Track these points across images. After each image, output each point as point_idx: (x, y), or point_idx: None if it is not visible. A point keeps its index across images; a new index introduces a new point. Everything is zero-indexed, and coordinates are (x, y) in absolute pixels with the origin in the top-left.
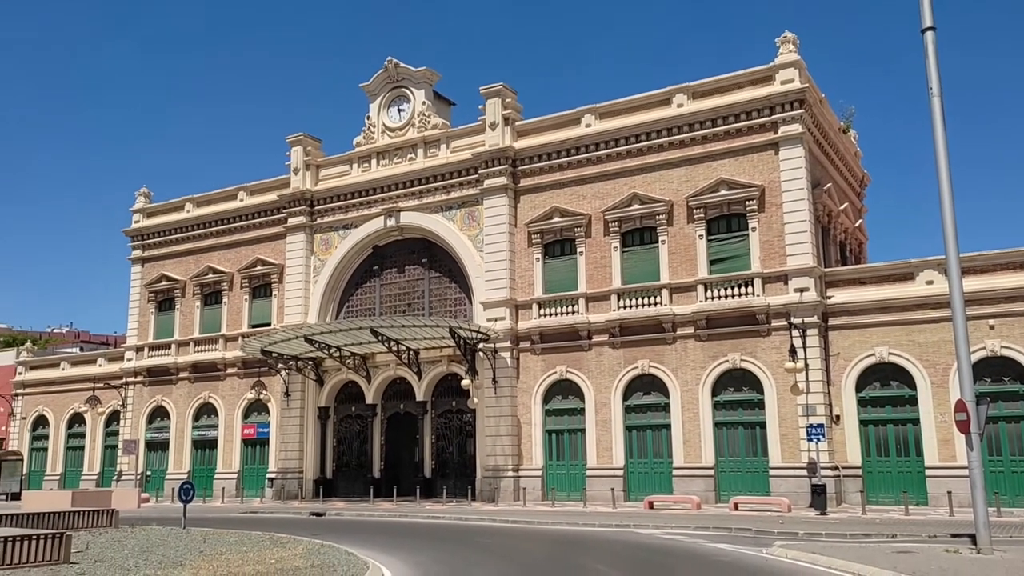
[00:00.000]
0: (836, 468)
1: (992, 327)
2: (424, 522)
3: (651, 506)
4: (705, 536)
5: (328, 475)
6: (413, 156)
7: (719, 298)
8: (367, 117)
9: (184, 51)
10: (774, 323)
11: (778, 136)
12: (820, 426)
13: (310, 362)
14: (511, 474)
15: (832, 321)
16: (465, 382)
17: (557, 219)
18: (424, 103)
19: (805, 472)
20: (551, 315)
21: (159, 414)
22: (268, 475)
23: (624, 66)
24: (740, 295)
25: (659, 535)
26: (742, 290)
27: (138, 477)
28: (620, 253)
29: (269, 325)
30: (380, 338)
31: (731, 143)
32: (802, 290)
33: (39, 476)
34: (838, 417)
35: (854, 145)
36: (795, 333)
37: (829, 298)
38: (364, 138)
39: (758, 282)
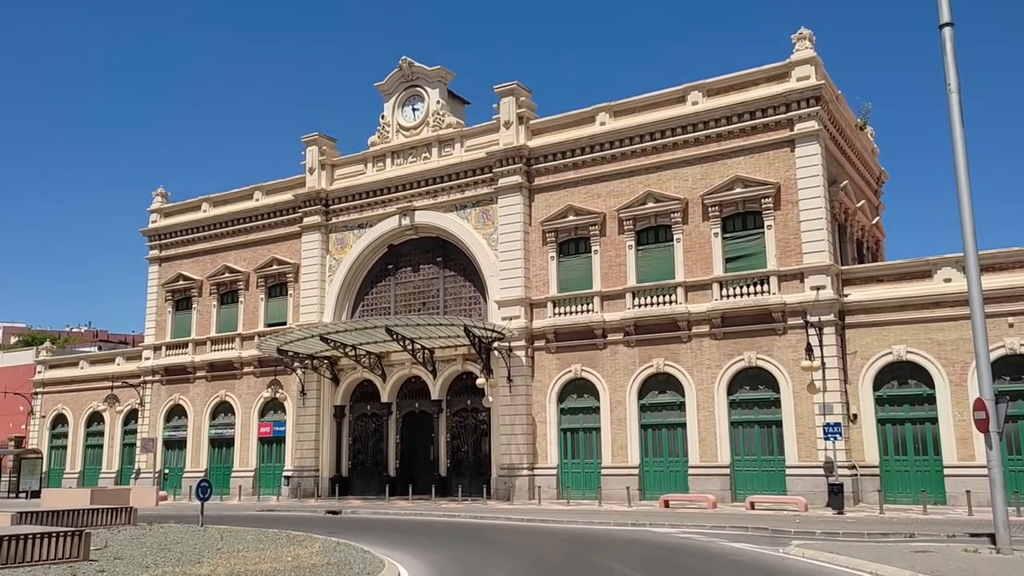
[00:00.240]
0: (853, 467)
1: (1011, 325)
2: (439, 520)
3: (667, 505)
4: (721, 535)
5: (344, 473)
6: (428, 155)
7: (735, 296)
8: (382, 116)
9: (200, 51)
10: (790, 321)
11: (794, 133)
12: (837, 425)
13: (326, 361)
14: (526, 473)
15: (849, 319)
16: (480, 381)
17: (572, 218)
18: (438, 102)
19: (822, 471)
20: (566, 314)
21: (176, 412)
22: (284, 473)
23: (639, 64)
24: (756, 293)
25: (675, 534)
26: (758, 288)
27: (156, 475)
28: (635, 251)
29: (285, 324)
30: (395, 337)
31: (746, 140)
32: (819, 288)
33: (58, 474)
34: (855, 416)
35: (871, 142)
36: (811, 331)
37: (846, 296)
38: (379, 137)
39: (774, 280)
